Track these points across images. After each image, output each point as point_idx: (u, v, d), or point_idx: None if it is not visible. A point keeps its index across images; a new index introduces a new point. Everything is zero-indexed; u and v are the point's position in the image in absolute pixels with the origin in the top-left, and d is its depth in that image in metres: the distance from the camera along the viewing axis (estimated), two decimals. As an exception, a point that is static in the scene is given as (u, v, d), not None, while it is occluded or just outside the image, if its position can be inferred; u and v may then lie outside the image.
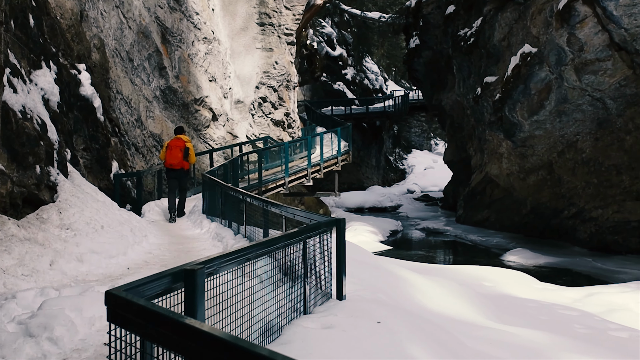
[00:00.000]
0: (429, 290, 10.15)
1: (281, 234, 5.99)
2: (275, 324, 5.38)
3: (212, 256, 4.31)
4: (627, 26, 20.52)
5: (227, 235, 12.24)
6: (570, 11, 21.69)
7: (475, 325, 8.36)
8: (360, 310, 6.03)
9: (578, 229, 26.63)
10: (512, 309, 11.72)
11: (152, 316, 2.69)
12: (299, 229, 6.35)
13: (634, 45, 21.01)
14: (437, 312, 8.66)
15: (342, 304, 6.44)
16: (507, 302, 12.26)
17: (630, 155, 23.45)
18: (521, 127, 26.02)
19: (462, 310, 9.71)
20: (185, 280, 3.60)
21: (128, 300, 2.80)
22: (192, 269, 3.61)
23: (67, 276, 9.54)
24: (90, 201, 12.06)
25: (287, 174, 25.88)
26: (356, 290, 7.53)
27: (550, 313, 12.19)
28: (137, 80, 20.97)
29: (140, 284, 3.23)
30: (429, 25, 41.50)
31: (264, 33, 28.89)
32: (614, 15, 20.53)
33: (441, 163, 72.42)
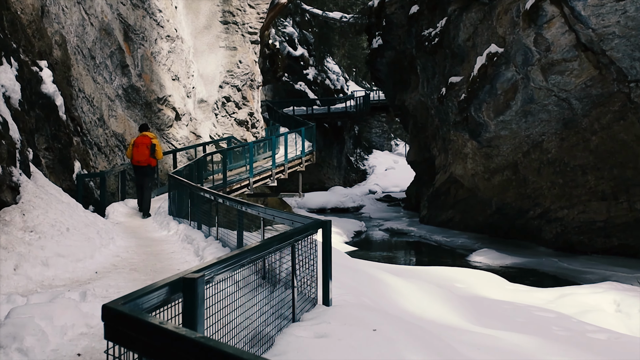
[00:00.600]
0: (410, 293, 9.92)
1: (272, 237, 5.67)
2: (266, 333, 5.07)
3: (208, 263, 3.98)
4: (594, 26, 20.54)
5: (197, 238, 11.87)
6: (537, 11, 21.65)
7: (460, 330, 8.13)
8: (351, 317, 5.75)
9: (543, 229, 26.68)
10: (488, 311, 11.54)
11: (160, 333, 2.37)
12: (287, 231, 6.04)
13: (600, 45, 21.04)
14: (421, 317, 8.42)
15: (330, 310, 6.14)
16: (483, 304, 12.08)
17: (596, 156, 23.51)
18: (487, 127, 25.96)
19: (443, 313, 9.49)
20: (184, 290, 3.28)
21: (132, 316, 2.48)
22: (191, 278, 3.29)
23: (32, 281, 9.11)
24: (55, 202, 11.61)
25: (252, 175, 25.56)
26: (340, 295, 7.25)
27: (527, 315, 12.04)
28: (99, 79, 20.45)
29: (137, 296, 2.90)
30: (392, 25, 41.36)
31: (228, 32, 28.49)
32: (582, 15, 20.53)
33: (402, 163, 72.55)
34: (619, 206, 23.54)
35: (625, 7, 19.82)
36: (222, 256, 4.19)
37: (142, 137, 16.93)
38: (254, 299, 5.03)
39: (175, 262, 10.85)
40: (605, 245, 24.41)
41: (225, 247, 10.48)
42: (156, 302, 3.05)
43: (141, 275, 9.81)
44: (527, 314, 12.19)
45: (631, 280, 19.13)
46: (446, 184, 33.31)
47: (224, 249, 10.37)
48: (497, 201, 28.69)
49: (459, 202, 32.80)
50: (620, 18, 20.11)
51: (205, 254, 10.30)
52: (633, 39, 20.54)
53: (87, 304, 7.07)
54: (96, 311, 7.02)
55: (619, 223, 23.72)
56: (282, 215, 7.74)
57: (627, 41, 20.68)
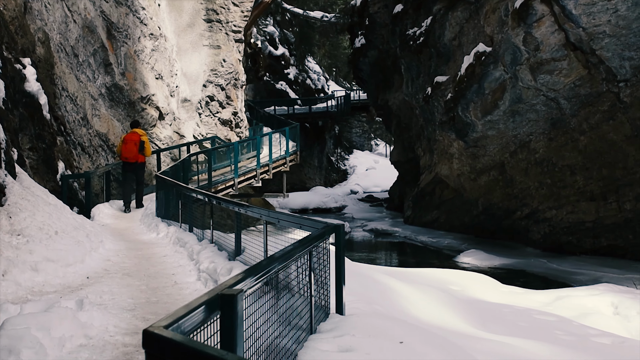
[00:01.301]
0: (416, 298, 9.62)
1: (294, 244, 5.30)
2: (288, 348, 4.73)
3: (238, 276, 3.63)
4: (585, 25, 20.36)
5: (190, 241, 11.48)
6: (527, 10, 21.44)
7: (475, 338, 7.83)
8: (373, 328, 5.41)
9: (531, 230, 26.50)
10: (490, 315, 11.26)
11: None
12: (307, 237, 5.69)
13: (590, 44, 20.87)
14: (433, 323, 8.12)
15: (347, 320, 5.80)
16: (483, 308, 11.80)
17: (585, 156, 23.35)
18: (474, 127, 25.74)
19: (451, 319, 9.20)
20: (222, 308, 2.93)
21: (183, 344, 2.12)
22: (230, 294, 2.95)
23: (22, 287, 8.69)
24: (42, 204, 11.18)
25: (237, 175, 25.19)
26: (351, 302, 6.92)
27: (528, 319, 11.77)
28: (83, 77, 19.98)
29: (177, 318, 2.55)
30: (375, 24, 41.08)
31: (212, 30, 28.07)
32: (573, 14, 20.34)
33: (383, 163, 72.41)
34: (608, 206, 23.39)
35: (617, 6, 19.66)
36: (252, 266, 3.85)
37: (132, 134, 17.71)
38: (276, 311, 4.68)
39: (168, 266, 10.48)
40: (594, 245, 24.26)
41: (222, 250, 10.11)
42: (195, 323, 2.71)
43: (135, 280, 9.44)
44: (528, 317, 11.92)
45: (624, 282, 18.98)
46: (431, 184, 33.08)
47: (220, 252, 10.00)
48: (484, 202, 28.48)
49: (444, 203, 32.58)
50: (611, 17, 19.94)
51: (200, 258, 9.93)
52: (623, 38, 20.38)
53: (84, 313, 6.68)
54: (94, 320, 6.65)
55: (608, 223, 23.58)
56: (289, 218, 7.40)
57: (617, 40, 20.52)
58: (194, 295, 8.55)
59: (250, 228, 19.78)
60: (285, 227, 8.69)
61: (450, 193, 31.72)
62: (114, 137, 21.41)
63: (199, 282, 9.20)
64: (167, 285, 9.12)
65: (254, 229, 16.84)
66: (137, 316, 7.23)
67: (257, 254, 8.86)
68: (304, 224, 6.93)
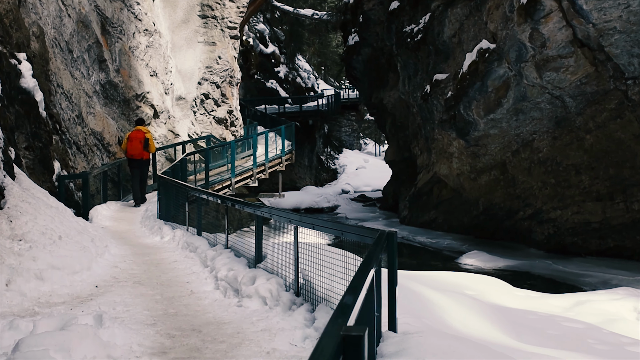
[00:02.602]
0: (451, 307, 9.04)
1: (366, 260, 4.67)
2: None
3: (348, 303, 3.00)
4: (595, 21, 19.84)
5: (201, 245, 10.82)
6: (535, 5, 20.90)
7: (525, 352, 7.26)
8: (441, 350, 4.80)
9: (534, 230, 25.98)
10: (518, 322, 10.68)
11: None
12: (373, 249, 5.06)
13: (599, 41, 20.36)
14: (479, 337, 7.54)
15: (410, 341, 5.17)
16: (509, 315, 11.21)
17: (591, 155, 22.86)
18: (476, 126, 25.20)
19: (489, 330, 8.63)
20: (346, 352, 2.31)
21: None
22: (356, 335, 2.32)
23: (27, 298, 8.03)
24: (43, 207, 10.50)
25: (234, 175, 24.57)
26: (399, 317, 6.31)
27: (556, 326, 11.20)
28: (77, 74, 19.26)
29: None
30: (369, 21, 40.49)
31: (207, 26, 27.38)
32: (584, 9, 19.82)
33: (372, 162, 71.89)
34: (615, 207, 22.91)
35: (629, 1, 19.15)
36: (350, 290, 3.22)
37: (137, 131, 18.16)
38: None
39: (180, 273, 9.84)
40: (600, 247, 23.78)
41: (240, 257, 9.46)
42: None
43: (147, 289, 8.79)
44: (555, 324, 11.36)
45: (635, 284, 18.49)
46: (429, 183, 32.52)
47: (237, 259, 9.34)
48: (485, 201, 27.93)
49: (442, 203, 32.02)
50: (623, 12, 19.43)
51: (216, 265, 9.27)
52: (633, 34, 19.88)
53: (105, 331, 6.04)
54: (116, 339, 6.01)
55: (615, 224, 23.09)
56: (327, 225, 6.77)
57: (627, 37, 20.01)
58: (213, 305, 7.93)
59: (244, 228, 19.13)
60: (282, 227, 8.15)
61: (448, 193, 31.16)
62: (109, 136, 20.71)
63: (217, 292, 8.56)
64: (183, 295, 8.48)
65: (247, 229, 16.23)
66: (161, 332, 6.59)
67: (281, 260, 8.24)
68: (346, 230, 6.34)
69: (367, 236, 5.95)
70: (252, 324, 6.82)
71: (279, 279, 7.80)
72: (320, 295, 6.94)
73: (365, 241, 5.99)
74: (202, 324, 6.95)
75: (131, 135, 18.15)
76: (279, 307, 7.24)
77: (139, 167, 18.32)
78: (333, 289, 6.71)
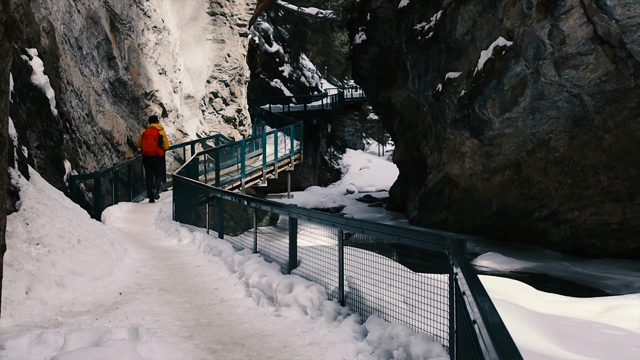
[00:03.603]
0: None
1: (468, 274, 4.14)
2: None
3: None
4: (619, 17, 19.33)
5: (226, 249, 10.30)
6: (556, 1, 20.41)
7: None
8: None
9: (550, 231, 25.47)
10: (559, 330, 10.18)
11: None
12: (459, 262, 4.54)
13: (621, 38, 19.85)
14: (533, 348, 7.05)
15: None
16: (547, 321, 10.71)
17: (610, 155, 22.35)
18: (491, 125, 24.67)
19: (537, 339, 8.14)
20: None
21: None
22: None
23: (48, 307, 7.52)
24: (60, 209, 9.99)
25: (244, 175, 24.08)
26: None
27: (595, 333, 10.72)
28: (86, 71, 18.76)
29: None
30: (377, 19, 39.96)
31: (215, 23, 26.86)
32: (607, 5, 19.32)
33: (376, 162, 71.46)
34: (635, 207, 22.41)
35: (654, -3, 18.66)
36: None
37: (151, 129, 18.67)
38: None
39: (207, 278, 9.32)
40: (619, 248, 23.27)
41: (271, 262, 8.94)
42: None
43: (174, 296, 8.28)
44: (594, 331, 10.87)
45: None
46: (440, 184, 31.97)
47: (269, 264, 8.82)
48: (498, 202, 27.41)
49: (454, 203, 31.49)
50: (647, 8, 18.94)
51: (246, 270, 8.75)
52: (657, 31, 19.39)
53: (143, 346, 5.52)
54: (156, 355, 5.50)
55: (635, 225, 22.58)
56: (379, 229, 6.26)
57: (651, 33, 19.53)
58: (248, 315, 7.43)
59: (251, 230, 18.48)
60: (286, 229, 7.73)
61: (460, 193, 30.63)
62: (119, 135, 20.22)
63: (249, 299, 8.05)
64: (213, 303, 7.97)
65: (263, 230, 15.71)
66: (200, 346, 6.08)
67: (320, 266, 7.72)
68: (403, 235, 5.84)
69: (431, 242, 5.45)
70: (298, 337, 6.31)
71: (319, 287, 7.29)
72: (370, 305, 6.44)
73: (427, 247, 5.51)
74: (243, 336, 6.45)
75: (145, 132, 18.62)
76: (322, 318, 6.72)
77: (153, 164, 18.76)
78: (384, 297, 6.22)
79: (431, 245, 5.48)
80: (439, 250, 5.39)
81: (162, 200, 18.50)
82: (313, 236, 9.02)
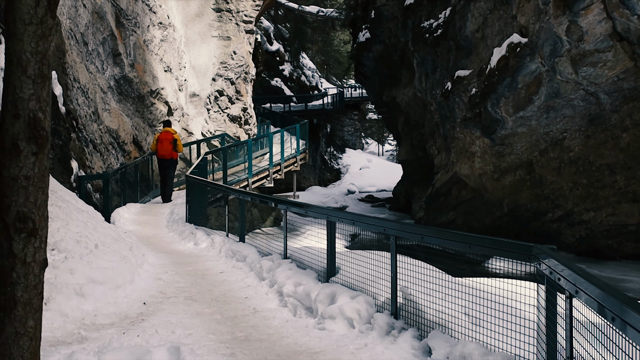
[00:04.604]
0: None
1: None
2: None
3: None
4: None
5: (250, 254, 9.70)
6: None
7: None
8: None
9: (564, 233, 24.89)
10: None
11: None
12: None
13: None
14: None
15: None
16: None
17: (627, 154, 21.81)
18: (504, 124, 24.09)
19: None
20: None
21: None
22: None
23: (69, 319, 6.90)
24: (74, 212, 9.38)
25: (251, 175, 23.49)
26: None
27: None
28: (92, 68, 18.15)
29: None
30: (381, 17, 39.33)
31: (221, 20, 26.25)
32: (630, 0, 18.77)
33: (376, 162, 70.96)
34: (654, 208, 21.90)
35: (679, -9, 18.13)
36: None
37: (165, 133, 19.08)
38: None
39: (234, 286, 8.72)
40: (636, 250, 22.72)
41: (305, 268, 8.34)
42: None
43: (202, 306, 7.67)
44: None
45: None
46: (447, 184, 31.37)
47: (303, 271, 8.22)
48: (510, 202, 26.82)
49: (462, 204, 30.89)
50: (672, 3, 18.41)
51: (278, 278, 8.15)
52: (680, 27, 18.87)
53: (188, 368, 4.93)
54: (202, 378, 4.91)
55: (654, 226, 22.07)
56: (446, 235, 5.66)
57: (673, 30, 19.01)
58: (287, 327, 6.82)
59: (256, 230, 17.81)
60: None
61: (469, 193, 30.03)
62: (124, 134, 19.62)
63: (285, 310, 7.44)
64: (246, 314, 7.37)
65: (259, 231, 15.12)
66: (245, 365, 5.48)
67: (363, 274, 7.12)
68: (477, 243, 5.27)
69: (513, 251, 4.89)
70: (353, 355, 5.70)
71: (367, 297, 6.69)
72: (430, 319, 5.85)
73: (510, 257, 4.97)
74: (289, 353, 5.85)
75: (160, 136, 19.07)
76: (374, 332, 6.12)
77: (168, 167, 19.19)
78: (446, 310, 5.64)
79: (514, 255, 4.90)
80: (524, 260, 4.82)
81: (173, 202, 17.89)
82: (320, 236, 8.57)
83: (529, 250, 4.77)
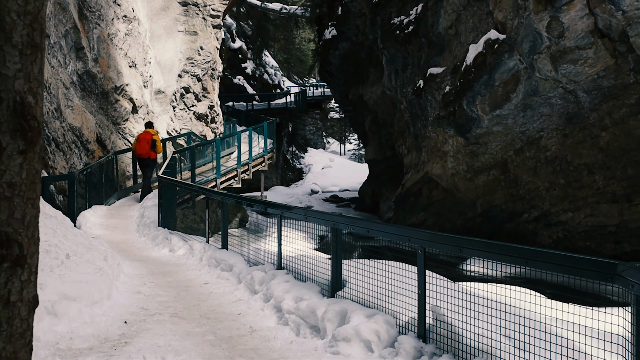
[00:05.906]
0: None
1: None
2: None
3: None
4: (626, 8, 18.27)
5: (237, 263, 8.85)
6: (557, -9, 19.32)
7: None
8: None
9: (540, 234, 24.37)
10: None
11: None
12: None
13: (626, 30, 18.81)
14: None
15: None
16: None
17: (607, 154, 21.33)
18: (479, 123, 23.49)
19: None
20: None
21: None
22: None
23: (41, 343, 5.97)
24: (42, 217, 8.40)
25: (219, 175, 22.61)
26: None
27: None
28: (54, 62, 17.07)
29: None
30: (349, 14, 38.61)
31: (188, 14, 25.27)
32: (615, -5, 18.27)
33: (338, 162, 70.43)
34: (634, 209, 21.42)
35: (666, -13, 17.65)
36: None
37: (145, 133, 19.62)
38: None
39: (223, 300, 7.86)
40: (615, 251, 22.26)
41: (305, 280, 7.50)
42: None
43: (191, 325, 6.80)
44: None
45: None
46: (418, 184, 30.75)
47: (303, 283, 7.38)
48: (483, 203, 26.27)
49: (433, 204, 30.30)
50: (658, -1, 17.92)
51: (274, 291, 7.30)
52: (664, 24, 18.40)
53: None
54: None
55: (634, 227, 21.60)
56: (492, 248, 4.90)
57: (656, 26, 18.53)
58: (293, 350, 6.00)
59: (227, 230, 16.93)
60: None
61: (440, 194, 29.45)
62: (88, 132, 18.59)
63: (286, 329, 6.61)
64: (242, 334, 6.52)
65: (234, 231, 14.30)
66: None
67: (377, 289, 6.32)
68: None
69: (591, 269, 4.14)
70: (381, 387, 4.90)
71: (387, 317, 5.87)
72: (468, 344, 5.07)
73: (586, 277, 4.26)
74: (305, 386, 5.03)
75: (139, 136, 19.60)
76: (399, 358, 5.32)
77: (146, 166, 19.70)
78: (487, 334, 4.88)
79: (591, 274, 4.17)
80: (603, 279, 4.10)
81: (142, 204, 16.93)
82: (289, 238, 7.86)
83: (613, 269, 4.02)
